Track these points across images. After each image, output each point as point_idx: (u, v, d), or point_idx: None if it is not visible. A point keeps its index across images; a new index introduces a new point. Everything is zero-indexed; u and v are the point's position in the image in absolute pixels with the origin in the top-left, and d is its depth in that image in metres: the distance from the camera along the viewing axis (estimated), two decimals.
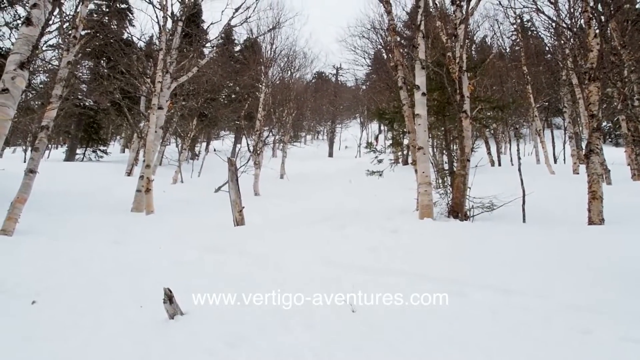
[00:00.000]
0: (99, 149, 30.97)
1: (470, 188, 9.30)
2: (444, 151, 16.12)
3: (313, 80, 50.14)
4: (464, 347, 3.34)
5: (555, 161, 29.18)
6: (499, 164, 26.05)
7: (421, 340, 3.44)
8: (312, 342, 3.47)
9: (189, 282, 4.93)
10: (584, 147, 12.95)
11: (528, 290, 4.40)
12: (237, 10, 15.73)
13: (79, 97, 26.14)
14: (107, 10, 25.42)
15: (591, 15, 8.64)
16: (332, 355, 3.25)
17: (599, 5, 9.11)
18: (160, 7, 13.87)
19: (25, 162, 26.45)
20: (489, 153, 26.65)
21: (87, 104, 27.55)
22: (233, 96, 31.70)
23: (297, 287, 4.67)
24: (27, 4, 6.22)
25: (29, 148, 31.44)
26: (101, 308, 4.16)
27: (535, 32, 29.43)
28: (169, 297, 3.90)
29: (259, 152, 21.18)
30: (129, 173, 22.00)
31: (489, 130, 27.45)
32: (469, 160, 9.22)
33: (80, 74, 23.58)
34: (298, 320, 3.87)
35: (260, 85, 23.51)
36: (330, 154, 47.53)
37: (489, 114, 14.53)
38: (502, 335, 3.50)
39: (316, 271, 5.33)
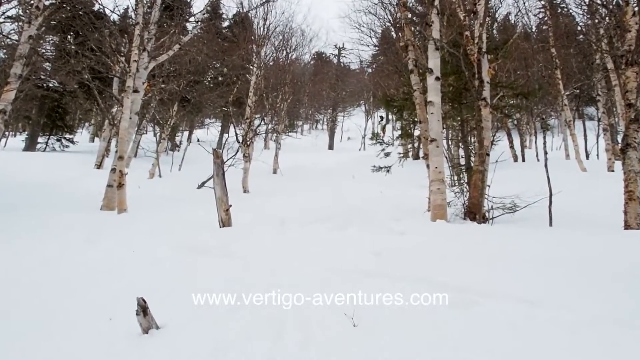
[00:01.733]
0: (65, 138, 30.63)
1: (489, 186, 9.32)
2: (460, 144, 16.12)
3: (312, 62, 50.10)
4: None
5: (587, 157, 29.23)
6: (523, 159, 26.07)
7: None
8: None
9: (166, 289, 4.93)
10: (619, 140, 12.96)
11: (554, 301, 4.40)
12: None
13: (42, 77, 26.04)
14: None
15: None
16: None
17: None
18: None
19: None
20: (512, 147, 26.69)
21: (51, 85, 27.27)
22: (220, 79, 31.65)
23: (292, 292, 4.68)
24: None
25: None
26: (68, 319, 4.16)
27: (565, 9, 29.43)
28: (143, 309, 3.86)
29: (249, 143, 21.17)
30: (99, 165, 21.96)
31: (511, 121, 27.42)
32: (488, 155, 9.23)
33: (44, 51, 23.51)
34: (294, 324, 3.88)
35: (251, 67, 23.48)
36: (331, 146, 47.55)
37: (511, 102, 14.51)
38: (524, 351, 3.50)
39: (313, 277, 5.34)
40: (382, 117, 49.52)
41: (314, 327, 3.99)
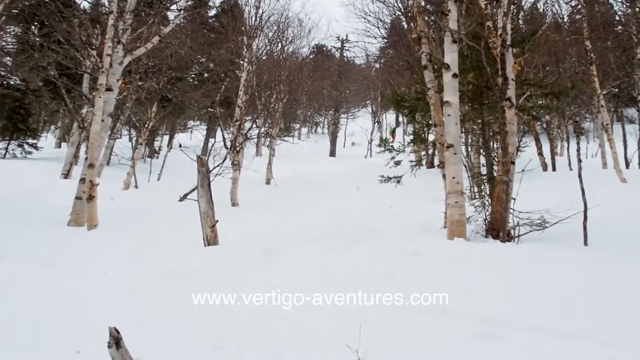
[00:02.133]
0: (27, 143, 30.23)
1: (514, 199, 9.30)
2: (481, 150, 16.15)
3: (311, 56, 50.21)
4: None
5: (627, 165, 29.16)
6: (553, 168, 26.05)
7: None
8: None
9: (142, 319, 4.91)
10: None
11: (589, 334, 4.38)
12: None
13: (1, 73, 26.00)
14: None
15: None
16: None
17: None
18: None
19: None
20: (540, 153, 26.64)
21: (12, 82, 27.04)
22: (206, 75, 31.73)
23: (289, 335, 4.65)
24: None
25: None
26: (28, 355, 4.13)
27: None
28: (115, 340, 3.83)
29: (238, 149, 21.18)
30: (66, 175, 21.85)
31: (540, 124, 27.46)
32: (513, 163, 9.22)
33: (4, 43, 23.53)
34: None
35: (242, 62, 23.54)
36: (333, 153, 47.61)
37: (540, 102, 14.50)
38: None
39: (311, 305, 5.31)
40: (393, 130, 49.67)
41: None
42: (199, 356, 4.12)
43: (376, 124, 51.43)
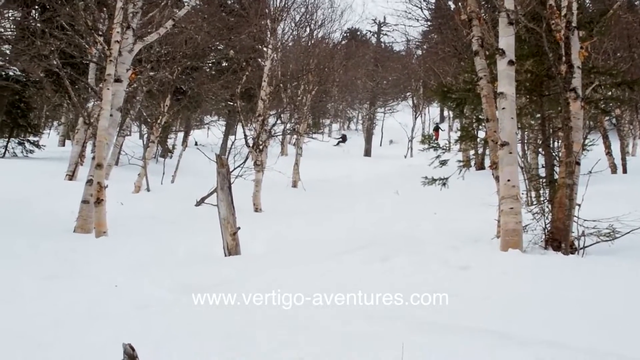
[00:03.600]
0: (28, 140, 30.43)
1: (579, 205, 9.19)
2: (540, 149, 15.98)
3: (344, 42, 50.13)
4: None
5: None
6: (624, 170, 25.69)
7: None
8: None
9: (157, 338, 4.95)
10: None
11: None
12: None
13: (0, 63, 26.32)
14: None
15: None
16: None
17: None
18: None
19: None
20: (609, 153, 26.31)
21: (11, 73, 27.09)
22: (225, 64, 31.83)
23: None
24: None
25: None
26: None
27: None
28: (130, 358, 3.88)
29: (261, 147, 21.24)
30: (71, 176, 22.04)
31: (609, 119, 27.11)
32: (578, 164, 9.12)
33: (1, 30, 23.83)
34: None
35: (265, 49, 23.62)
36: (368, 152, 47.52)
37: (610, 93, 14.34)
38: None
39: (346, 323, 5.31)
40: (437, 126, 49.48)
41: None
42: None
43: (444, 119, 51.27)
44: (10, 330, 5.16)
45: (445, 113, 55.02)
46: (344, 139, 54.26)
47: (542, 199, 11.25)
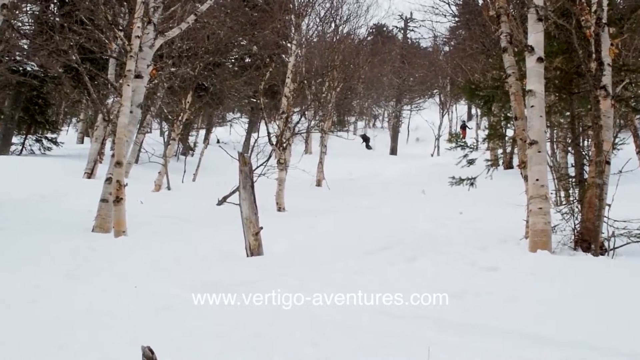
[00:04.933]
0: (46, 137, 30.63)
1: (609, 205, 9.15)
2: (570, 148, 15.90)
3: (369, 38, 50.09)
4: None
5: None
6: None
7: None
8: None
9: (178, 338, 5.02)
10: None
11: None
12: None
13: (17, 58, 26.33)
14: None
15: None
16: None
17: None
18: None
19: None
20: None
21: (29, 69, 27.15)
22: (248, 60, 31.88)
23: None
24: None
25: None
26: None
27: None
28: None
29: (285, 145, 21.27)
30: (90, 174, 22.27)
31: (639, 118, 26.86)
32: (608, 163, 9.08)
33: (20, 25, 23.92)
34: None
35: (289, 45, 23.65)
36: (394, 150, 47.44)
37: None
38: None
39: (367, 326, 5.36)
40: (465, 124, 49.11)
41: None
42: None
43: (471, 117, 50.88)
44: (33, 330, 5.25)
45: (473, 111, 54.65)
46: (365, 140, 51.17)
47: (571, 198, 11.24)
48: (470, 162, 15.69)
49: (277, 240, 10.78)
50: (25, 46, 25.71)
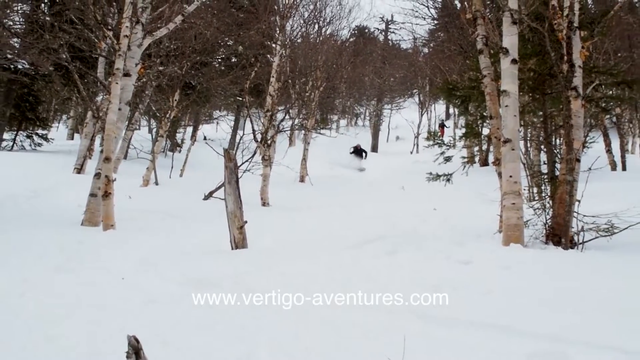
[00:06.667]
0: (37, 134, 30.26)
1: (579, 201, 9.21)
2: (542, 146, 15.98)
3: (351, 39, 50.02)
4: None
5: None
6: (623, 168, 25.66)
7: None
8: None
9: (165, 332, 5.00)
10: None
11: None
12: None
13: (8, 56, 26.06)
14: None
15: None
16: None
17: None
18: None
19: None
20: (609, 151, 26.25)
21: (19, 66, 26.77)
22: (234, 60, 31.78)
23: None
24: None
25: None
26: None
27: None
28: (135, 350, 3.90)
29: (269, 142, 21.25)
30: (80, 170, 22.05)
31: (609, 117, 27.05)
32: (578, 161, 9.14)
33: (11, 23, 23.70)
34: None
35: (274, 45, 23.60)
36: (375, 148, 47.48)
37: (610, 92, 14.32)
38: None
39: (351, 317, 5.36)
40: (442, 123, 49.19)
41: None
42: None
43: (449, 116, 50.99)
44: (21, 322, 5.21)
45: (451, 110, 54.91)
46: (357, 152, 43.54)
47: (543, 195, 11.28)
48: (447, 159, 15.74)
49: (261, 233, 10.77)
50: (16, 44, 25.45)
